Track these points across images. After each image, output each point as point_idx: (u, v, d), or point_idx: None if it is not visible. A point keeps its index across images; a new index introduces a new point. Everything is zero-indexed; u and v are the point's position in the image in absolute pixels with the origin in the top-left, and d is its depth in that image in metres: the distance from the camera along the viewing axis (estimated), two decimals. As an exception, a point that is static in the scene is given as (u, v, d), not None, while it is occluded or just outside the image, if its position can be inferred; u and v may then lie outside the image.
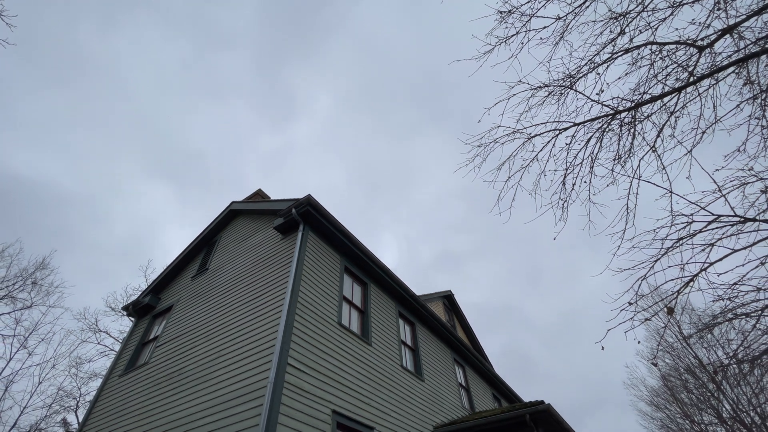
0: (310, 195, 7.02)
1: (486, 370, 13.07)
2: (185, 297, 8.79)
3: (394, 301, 9.37)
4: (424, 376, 8.96)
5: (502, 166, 4.69)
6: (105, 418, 7.38)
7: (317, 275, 6.91)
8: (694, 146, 4.22)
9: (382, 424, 6.56)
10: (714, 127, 4.27)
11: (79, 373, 22.75)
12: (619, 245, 4.20)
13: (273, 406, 4.68)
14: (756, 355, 4.25)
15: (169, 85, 74.61)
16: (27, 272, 19.69)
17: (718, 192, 3.84)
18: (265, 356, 5.45)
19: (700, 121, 4.31)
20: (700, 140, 4.27)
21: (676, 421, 21.51)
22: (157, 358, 7.60)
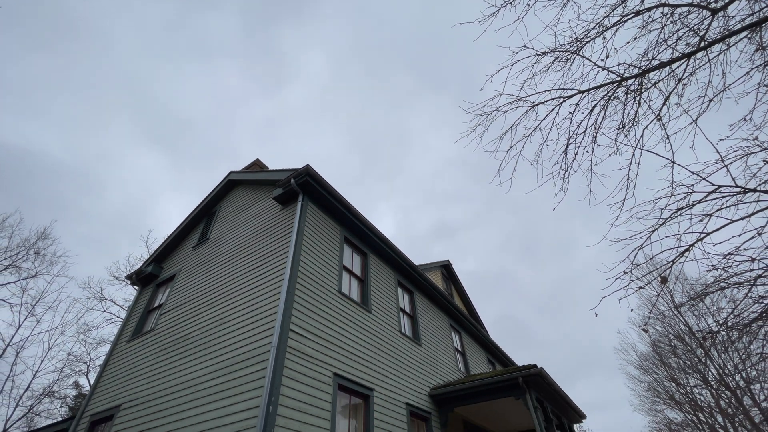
0: (309, 165, 6.96)
1: (481, 336, 13.50)
2: (187, 266, 8.91)
3: (394, 271, 9.52)
4: (422, 342, 9.26)
5: (504, 136, 4.62)
6: (115, 381, 7.68)
7: (317, 245, 6.98)
8: (700, 115, 4.14)
9: (381, 386, 6.85)
10: (722, 95, 4.18)
11: (88, 339, 23.48)
12: (618, 215, 4.21)
13: (276, 369, 4.86)
14: (746, 323, 4.37)
15: (154, 47, 71.66)
16: (29, 242, 19.86)
17: (721, 162, 3.81)
18: (267, 322, 5.60)
19: (708, 88, 4.21)
20: (706, 109, 4.18)
21: (663, 384, 22.48)
22: (163, 324, 7.81)
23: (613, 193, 4.29)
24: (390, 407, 6.83)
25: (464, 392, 7.99)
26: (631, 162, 4.14)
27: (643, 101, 4.20)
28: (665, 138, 4.26)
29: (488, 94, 4.38)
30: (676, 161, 3.72)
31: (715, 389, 19.43)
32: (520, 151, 4.64)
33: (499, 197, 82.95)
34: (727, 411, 19.02)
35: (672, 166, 3.74)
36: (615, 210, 4.25)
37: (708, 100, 4.18)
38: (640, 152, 4.03)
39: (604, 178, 4.55)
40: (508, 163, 4.67)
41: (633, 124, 4.19)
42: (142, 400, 6.58)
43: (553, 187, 4.60)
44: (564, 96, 4.40)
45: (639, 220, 4.18)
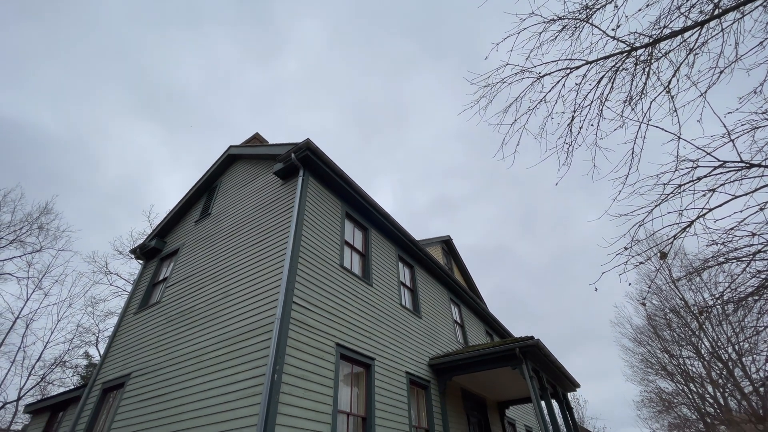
0: (309, 139, 6.88)
1: (480, 309, 13.77)
2: (190, 241, 8.98)
3: (395, 246, 9.59)
4: (422, 314, 9.45)
5: (508, 109, 4.53)
6: (124, 351, 7.92)
7: (318, 220, 7.00)
8: (709, 87, 4.04)
9: (382, 356, 7.06)
10: (733, 67, 4.06)
11: (96, 312, 24.04)
12: (620, 190, 4.19)
13: (281, 340, 4.99)
14: (742, 296, 4.43)
15: (142, 14, 68.87)
16: (32, 217, 19.97)
17: (727, 137, 3.75)
18: (271, 295, 5.70)
19: (719, 59, 4.08)
20: (716, 80, 4.07)
21: (656, 355, 23.10)
22: (168, 297, 7.97)
23: (616, 167, 4.25)
24: (391, 376, 7.07)
25: (463, 362, 8.23)
26: (637, 136, 4.07)
27: (653, 73, 4.09)
28: (672, 111, 4.17)
29: (493, 64, 4.26)
30: (682, 136, 3.67)
31: (707, 361, 19.98)
32: (524, 125, 4.56)
33: (500, 172, 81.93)
34: (718, 382, 19.63)
35: (678, 140, 3.69)
36: (618, 185, 4.23)
37: (719, 71, 4.07)
38: (647, 127, 3.96)
39: (608, 153, 4.50)
40: (511, 137, 4.60)
41: (641, 96, 4.09)
42: (151, 368, 6.80)
43: (557, 161, 4.55)
44: (571, 67, 4.28)
45: (642, 195, 4.17)
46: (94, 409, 7.33)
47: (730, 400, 19.49)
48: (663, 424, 24.54)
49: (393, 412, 6.66)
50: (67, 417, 8.63)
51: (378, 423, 6.17)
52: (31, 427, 9.72)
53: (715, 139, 3.85)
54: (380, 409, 6.37)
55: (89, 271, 40.97)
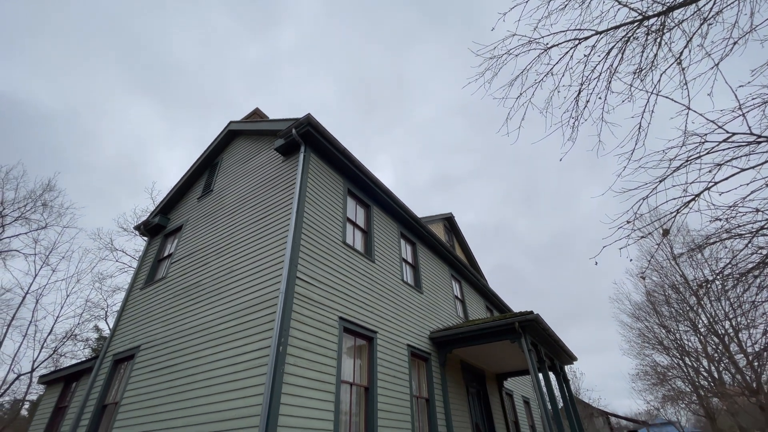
0: (310, 114, 6.78)
1: (480, 285, 13.95)
2: (193, 217, 9.03)
3: (397, 223, 9.62)
4: (423, 289, 9.59)
5: (514, 82, 4.43)
6: (133, 324, 8.12)
7: (321, 197, 7.00)
8: (722, 58, 3.92)
9: (383, 329, 7.21)
10: (747, 38, 3.92)
11: (103, 287, 24.49)
12: (626, 166, 4.14)
13: (285, 314, 5.10)
14: (743, 272, 4.46)
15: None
16: (35, 194, 20.04)
17: (738, 111, 3.67)
18: (275, 271, 5.78)
19: (733, 30, 3.94)
20: (729, 52, 3.95)
21: (654, 330, 23.50)
22: (174, 273, 8.09)
23: (622, 142, 4.18)
24: (392, 348, 7.25)
25: (463, 335, 8.42)
26: (645, 109, 3.99)
27: (664, 43, 3.96)
28: (683, 84, 4.07)
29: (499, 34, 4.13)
30: (692, 108, 3.59)
31: (703, 336, 20.33)
32: (530, 99, 4.47)
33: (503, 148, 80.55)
34: (713, 356, 20.04)
35: (687, 113, 3.61)
36: (623, 160, 4.18)
37: (732, 42, 3.94)
38: (656, 98, 3.87)
39: (614, 128, 4.42)
40: (516, 111, 4.52)
41: (651, 68, 3.98)
42: (159, 341, 6.99)
43: (561, 136, 4.48)
44: (580, 38, 4.15)
45: (646, 171, 4.12)
46: (106, 380, 7.60)
47: (725, 373, 19.96)
48: (657, 396, 25.29)
49: (394, 382, 6.88)
50: (80, 387, 8.96)
51: (380, 393, 6.38)
52: (46, 397, 10.10)
53: (725, 113, 3.77)
54: (382, 380, 6.57)
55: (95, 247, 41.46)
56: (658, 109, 4.23)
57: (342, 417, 5.60)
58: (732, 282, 4.74)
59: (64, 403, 9.26)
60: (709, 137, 3.86)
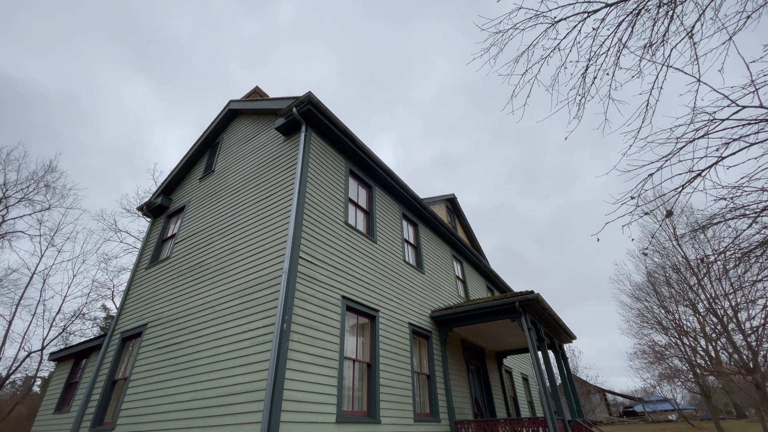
0: (311, 92, 6.67)
1: (482, 266, 14.04)
2: (196, 198, 9.04)
3: (399, 204, 9.61)
4: (425, 269, 9.67)
5: (520, 58, 4.31)
6: (139, 303, 8.26)
7: (322, 178, 6.97)
8: (735, 33, 3.80)
9: (385, 308, 7.31)
10: (761, 11, 3.79)
11: (109, 268, 24.80)
12: (631, 144, 4.09)
13: (288, 292, 5.16)
14: (746, 251, 4.45)
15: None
16: (38, 175, 20.04)
17: (751, 86, 3.58)
18: (278, 250, 5.82)
19: (748, 2, 3.80)
20: (743, 26, 3.82)
21: (653, 310, 23.75)
22: (178, 253, 8.16)
23: (629, 120, 4.11)
24: (394, 326, 7.37)
25: (463, 314, 8.53)
26: (654, 86, 3.90)
27: (676, 16, 3.82)
28: (693, 60, 3.96)
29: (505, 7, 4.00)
30: (702, 81, 3.51)
31: (702, 316, 20.54)
32: (536, 75, 4.37)
33: (506, 127, 79.15)
34: (711, 336, 20.31)
35: (697, 88, 3.53)
36: (629, 139, 4.12)
37: (746, 16, 3.81)
38: (665, 73, 3.77)
39: (621, 106, 4.34)
40: (522, 88, 4.42)
41: (662, 42, 3.87)
42: (165, 319, 7.12)
43: (567, 114, 4.41)
44: (589, 11, 4.01)
45: (652, 150, 4.07)
46: (115, 356, 7.79)
47: (722, 353, 20.28)
48: (653, 374, 25.82)
49: (396, 359, 7.02)
50: (90, 363, 9.19)
51: (382, 369, 6.52)
52: (57, 374, 10.39)
53: (735, 90, 3.69)
54: (384, 356, 6.71)
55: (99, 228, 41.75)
56: (667, 85, 4.14)
57: (345, 392, 5.75)
58: (734, 261, 4.74)
59: (75, 378, 9.53)
60: (717, 115, 3.80)
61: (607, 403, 50.59)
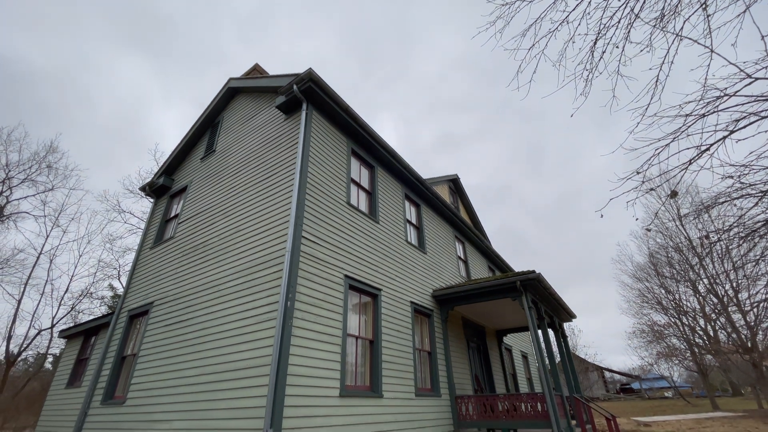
0: (312, 69, 6.53)
1: (484, 246, 14.08)
2: (198, 178, 9.02)
3: (401, 184, 9.56)
4: (427, 250, 9.71)
5: (527, 31, 4.19)
6: (145, 282, 8.37)
7: (324, 157, 6.91)
8: (750, 5, 3.65)
9: (388, 287, 7.39)
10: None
11: (114, 248, 25.06)
12: (639, 122, 4.01)
13: (292, 271, 5.20)
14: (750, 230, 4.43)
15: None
16: (39, 156, 20.00)
17: (765, 60, 3.48)
18: (280, 230, 5.84)
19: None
20: (760, -4, 3.68)
21: (653, 290, 23.92)
22: (181, 233, 8.21)
23: (637, 96, 4.02)
24: (396, 305, 7.46)
25: (465, 293, 8.62)
26: (664, 60, 3.79)
27: (691, -15, 3.67)
28: (706, 34, 3.83)
29: (512, -22, 3.85)
30: (715, 52, 3.42)
31: (702, 296, 20.68)
32: (543, 50, 4.25)
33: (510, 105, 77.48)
34: (711, 316, 20.52)
35: (709, 60, 3.44)
36: (636, 117, 4.04)
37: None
38: (678, 44, 3.66)
39: (630, 82, 4.24)
40: (528, 63, 4.31)
41: (674, 14, 3.73)
42: (171, 297, 7.23)
43: (574, 90, 4.31)
44: (599, -20, 3.86)
45: (660, 128, 4.00)
46: (123, 334, 7.96)
47: (721, 333, 20.53)
48: (651, 353, 26.26)
49: (398, 336, 7.14)
50: (99, 340, 9.41)
51: (384, 345, 6.65)
52: (67, 350, 10.66)
53: (748, 65, 3.59)
54: (386, 334, 6.83)
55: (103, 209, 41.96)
56: (678, 60, 4.02)
57: (348, 367, 5.88)
58: (737, 241, 4.73)
59: (85, 355, 9.78)
60: (729, 90, 3.70)
61: (605, 380, 51.71)
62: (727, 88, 3.74)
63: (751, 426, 13.40)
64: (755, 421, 15.08)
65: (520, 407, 7.25)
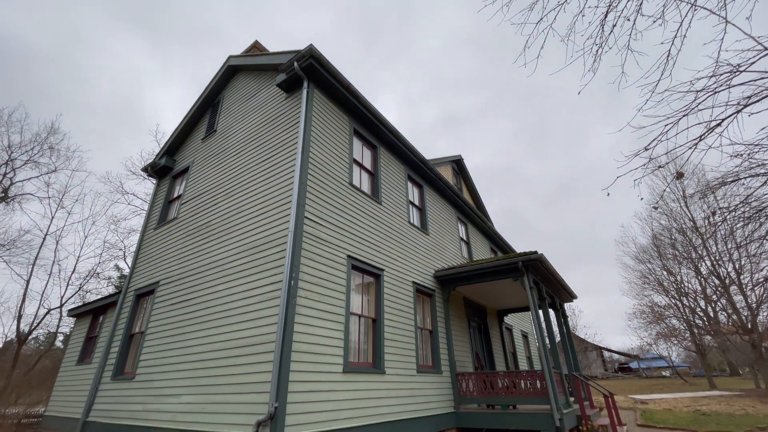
0: (312, 45, 6.39)
1: (486, 228, 14.09)
2: (199, 158, 8.97)
3: (404, 165, 9.48)
4: (429, 231, 9.72)
5: (535, 5, 4.04)
6: (150, 262, 8.46)
7: (326, 137, 6.84)
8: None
9: (390, 267, 7.44)
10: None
11: (119, 229, 25.25)
12: (648, 98, 3.92)
13: (295, 251, 5.23)
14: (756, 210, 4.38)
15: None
16: (41, 137, 19.92)
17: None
18: (283, 211, 5.84)
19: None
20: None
21: (655, 272, 23.99)
22: (185, 213, 8.24)
23: (647, 72, 3.91)
24: (398, 285, 7.53)
25: (466, 273, 8.67)
26: (677, 33, 3.67)
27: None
28: (721, 6, 3.69)
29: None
30: (730, 22, 3.32)
31: (704, 278, 20.73)
32: (551, 24, 4.11)
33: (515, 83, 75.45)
34: (711, 297, 20.62)
35: (723, 34, 3.32)
36: (646, 93, 3.94)
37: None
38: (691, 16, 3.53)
39: (640, 57, 4.12)
40: (536, 38, 4.19)
41: (689, -17, 3.58)
42: (176, 277, 7.32)
43: (582, 66, 4.19)
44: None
45: (669, 104, 3.91)
46: (131, 312, 8.10)
47: (721, 314, 20.67)
48: (651, 333, 26.55)
49: (400, 315, 7.24)
50: (108, 319, 9.60)
51: (386, 324, 6.74)
52: (76, 329, 10.90)
53: (762, 39, 3.47)
54: (388, 313, 6.92)
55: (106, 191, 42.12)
56: (690, 34, 3.89)
57: (352, 344, 5.98)
58: (744, 220, 4.69)
59: (94, 333, 9.99)
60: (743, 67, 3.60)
61: (603, 359, 52.57)
62: (740, 65, 3.64)
63: (747, 404, 13.65)
64: (752, 399, 15.36)
65: (520, 384, 7.39)
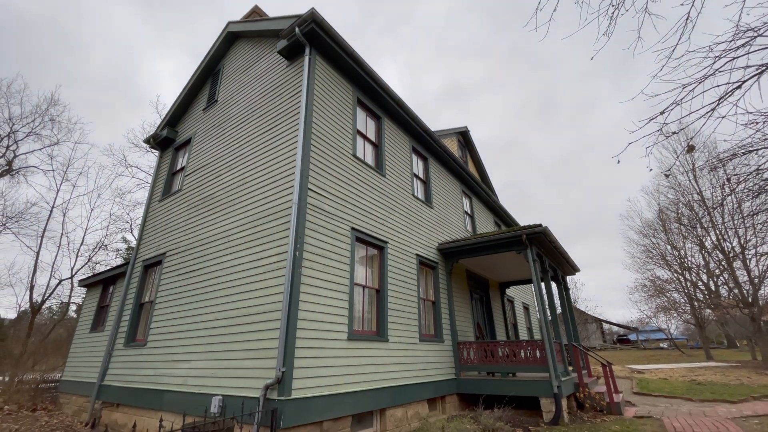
0: (314, 9, 6.14)
1: (491, 201, 14.02)
2: (201, 129, 8.87)
3: (408, 136, 9.33)
4: (433, 204, 9.69)
5: (546, -39, 3.81)
6: (156, 234, 8.56)
7: (329, 107, 6.70)
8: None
9: (394, 239, 7.48)
10: None
11: (124, 202, 25.43)
12: (664, 65, 3.76)
13: (299, 223, 5.25)
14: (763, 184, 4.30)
15: None
16: (41, 109, 19.71)
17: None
18: (286, 182, 5.81)
19: None
20: None
21: (659, 246, 23.98)
22: (188, 185, 8.24)
23: (665, 37, 3.73)
24: (402, 257, 7.59)
25: (470, 247, 8.71)
26: (698, -8, 3.47)
27: None
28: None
29: None
30: None
31: (708, 253, 20.71)
32: (565, -17, 3.90)
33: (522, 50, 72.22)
34: (714, 272, 20.68)
35: None
36: (662, 59, 3.78)
37: None
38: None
39: (658, 21, 3.92)
40: (548, 0, 3.98)
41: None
42: (183, 248, 7.42)
43: (597, 30, 4.00)
44: None
45: (685, 71, 3.76)
46: (140, 282, 8.28)
47: (722, 288, 20.79)
48: (651, 306, 26.87)
49: (403, 286, 7.34)
50: (118, 289, 9.83)
51: (390, 294, 6.85)
52: (88, 299, 11.19)
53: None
54: (392, 284, 7.01)
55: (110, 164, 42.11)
56: None
57: (356, 314, 6.11)
58: (753, 193, 4.61)
59: (105, 302, 10.27)
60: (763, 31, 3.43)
61: (603, 331, 53.58)
62: (761, 28, 3.47)
63: (742, 375, 13.96)
64: (747, 371, 15.70)
65: (520, 353, 7.57)
